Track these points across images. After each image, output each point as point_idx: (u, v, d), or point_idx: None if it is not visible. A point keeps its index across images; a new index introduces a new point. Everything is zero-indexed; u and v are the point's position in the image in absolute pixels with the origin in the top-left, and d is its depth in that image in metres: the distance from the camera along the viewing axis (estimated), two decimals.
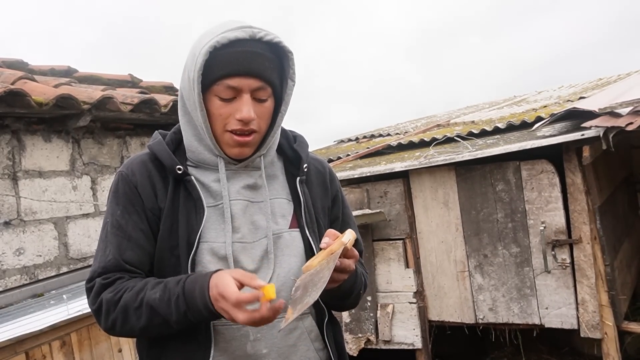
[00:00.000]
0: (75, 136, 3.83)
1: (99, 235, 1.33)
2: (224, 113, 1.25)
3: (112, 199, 1.32)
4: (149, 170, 1.32)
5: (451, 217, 4.20)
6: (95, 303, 1.24)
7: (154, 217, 1.29)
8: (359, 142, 6.72)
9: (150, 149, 1.34)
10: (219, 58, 1.22)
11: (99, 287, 1.24)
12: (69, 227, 3.72)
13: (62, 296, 2.95)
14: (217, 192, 1.31)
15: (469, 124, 5.62)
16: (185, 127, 1.35)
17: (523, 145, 3.67)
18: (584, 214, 3.68)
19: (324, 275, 1.11)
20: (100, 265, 1.26)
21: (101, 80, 4.61)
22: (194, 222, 1.27)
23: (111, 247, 1.26)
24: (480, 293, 4.11)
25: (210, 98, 1.26)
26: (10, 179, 3.44)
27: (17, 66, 4.19)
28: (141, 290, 1.20)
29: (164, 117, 4.14)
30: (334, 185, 1.52)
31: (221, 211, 1.30)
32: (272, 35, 1.25)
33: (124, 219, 1.28)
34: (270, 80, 1.27)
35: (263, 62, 1.24)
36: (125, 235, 1.27)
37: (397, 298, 4.43)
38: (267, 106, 1.29)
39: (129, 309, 1.19)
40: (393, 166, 4.29)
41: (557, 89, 7.74)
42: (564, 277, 3.78)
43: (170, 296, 1.17)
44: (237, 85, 1.23)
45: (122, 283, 1.23)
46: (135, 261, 1.27)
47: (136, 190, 1.30)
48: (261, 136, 1.32)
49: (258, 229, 1.32)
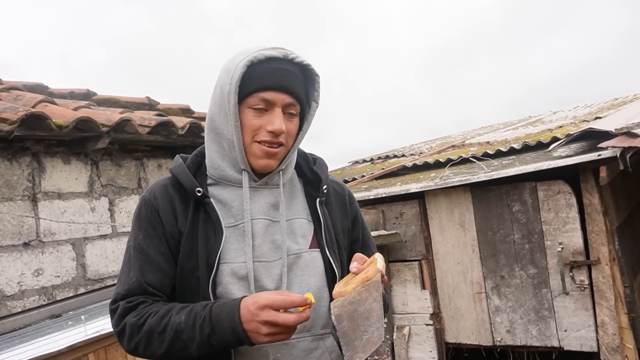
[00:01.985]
0: (93, 158, 3.88)
1: (123, 258, 1.36)
2: (256, 124, 1.30)
3: (135, 223, 1.35)
4: (170, 194, 1.35)
5: (467, 238, 4.18)
6: (118, 325, 1.26)
7: (174, 241, 1.32)
8: (373, 163, 6.73)
9: (172, 172, 1.38)
10: (256, 72, 1.28)
11: (122, 310, 1.26)
12: (86, 248, 3.76)
13: (80, 317, 2.97)
14: (238, 211, 1.33)
15: (484, 144, 5.61)
16: (209, 145, 1.39)
17: (539, 165, 3.66)
18: (602, 235, 3.65)
19: (375, 309, 1.12)
20: (124, 288, 1.29)
21: (119, 103, 4.67)
22: (213, 243, 1.29)
23: (134, 270, 1.30)
24: (498, 315, 4.07)
25: (243, 110, 1.31)
26: (30, 200, 3.49)
27: (38, 89, 4.28)
28: (165, 316, 1.21)
29: (181, 139, 4.18)
30: (354, 207, 1.54)
31: (241, 230, 1.32)
32: (302, 58, 1.33)
33: (146, 243, 1.31)
34: (300, 99, 1.33)
35: (295, 80, 1.31)
36: (147, 258, 1.30)
37: (413, 320, 4.40)
38: (295, 123, 1.35)
39: (152, 333, 1.21)
40: (409, 187, 4.29)
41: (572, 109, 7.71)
42: (583, 298, 3.74)
43: (196, 319, 1.18)
44: (271, 98, 1.28)
45: (146, 307, 1.25)
46: (157, 284, 1.29)
47: (157, 214, 1.33)
48: (287, 151, 1.36)
49: (278, 248, 1.33)
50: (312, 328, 1.32)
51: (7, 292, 3.31)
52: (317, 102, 1.38)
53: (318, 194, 1.43)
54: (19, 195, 3.43)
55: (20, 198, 3.44)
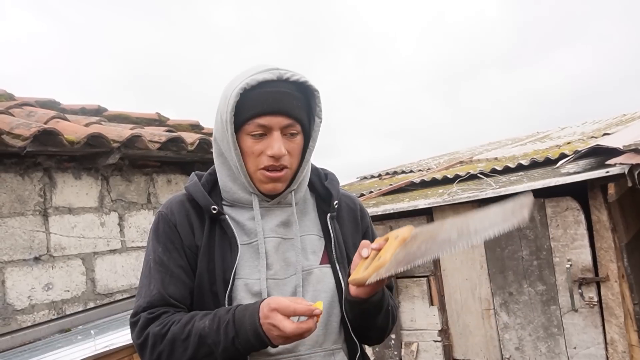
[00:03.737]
0: (104, 173, 3.92)
1: (141, 272, 1.37)
2: (256, 151, 1.31)
3: (153, 238, 1.37)
4: (187, 209, 1.37)
5: (475, 255, 4.18)
6: (140, 337, 1.26)
7: (192, 254, 1.34)
8: (381, 179, 6.74)
9: (187, 190, 1.40)
10: (249, 99, 1.28)
11: (145, 322, 1.26)
12: (96, 263, 3.78)
13: (90, 331, 2.99)
14: (252, 230, 1.35)
15: (492, 160, 5.61)
16: (219, 169, 1.41)
17: (547, 182, 3.66)
18: (610, 252, 3.64)
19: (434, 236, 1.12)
20: (146, 300, 1.29)
21: (130, 119, 4.72)
22: (229, 259, 1.31)
23: (155, 282, 1.31)
24: (506, 332, 4.06)
25: (242, 137, 1.32)
26: (41, 215, 3.52)
27: (50, 105, 4.33)
28: (188, 323, 1.22)
29: (190, 155, 4.22)
30: (365, 221, 1.55)
31: (255, 248, 1.33)
32: (298, 75, 1.32)
33: (166, 256, 1.33)
34: (299, 118, 1.32)
35: (291, 100, 1.30)
36: (168, 271, 1.31)
37: (421, 336, 4.38)
38: (297, 142, 1.35)
39: (176, 341, 1.21)
40: (416, 203, 4.30)
41: (580, 125, 7.70)
42: (592, 315, 3.72)
43: (220, 323, 1.19)
44: (267, 123, 1.29)
45: (168, 317, 1.26)
46: (178, 295, 1.30)
47: (175, 228, 1.35)
48: (293, 172, 1.37)
49: (289, 266, 1.35)
50: (323, 343, 1.33)
51: (18, 307, 3.34)
52: (320, 117, 1.39)
53: (329, 209, 1.44)
54: (30, 210, 3.47)
55: (31, 213, 3.47)
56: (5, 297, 3.30)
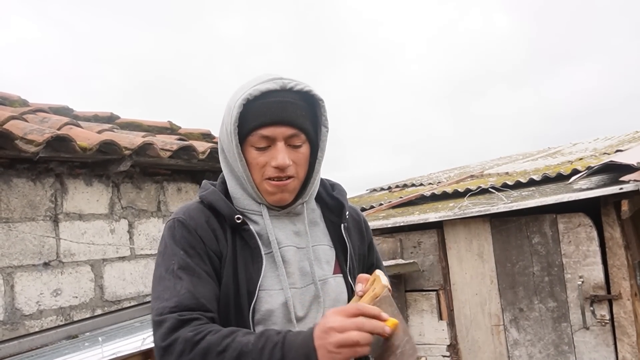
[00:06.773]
0: (115, 180, 3.93)
1: (157, 280, 1.27)
2: (261, 162, 1.29)
3: (170, 245, 1.29)
4: (207, 215, 1.32)
5: (486, 269, 4.14)
6: (167, 339, 1.14)
7: (216, 259, 1.28)
8: (391, 192, 6.72)
9: (205, 198, 1.35)
10: (252, 110, 1.27)
11: (175, 323, 1.15)
12: (105, 270, 3.78)
13: (97, 338, 2.97)
14: (267, 239, 1.33)
15: (503, 175, 5.59)
16: (228, 177, 1.39)
17: (560, 198, 3.63)
18: (623, 269, 3.60)
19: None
20: (174, 300, 1.18)
21: (142, 127, 4.74)
22: (252, 270, 1.28)
23: (182, 283, 1.21)
24: (516, 348, 4.01)
25: (247, 148, 1.30)
26: (52, 220, 3.53)
27: (63, 112, 4.35)
28: (228, 336, 1.12)
29: (201, 164, 4.22)
30: (369, 233, 1.56)
31: (274, 258, 1.31)
32: (302, 84, 1.30)
33: (189, 259, 1.25)
34: (303, 127, 1.30)
35: (294, 110, 1.28)
36: (195, 273, 1.23)
37: (430, 351, 4.34)
38: (302, 152, 1.32)
39: (210, 352, 1.10)
40: (427, 216, 4.27)
41: (592, 141, 7.67)
42: (604, 334, 3.67)
43: (266, 343, 1.09)
44: (270, 134, 1.27)
45: (203, 324, 1.16)
46: (209, 296, 1.22)
47: (196, 233, 1.28)
48: (300, 182, 1.35)
49: (305, 275, 1.34)
50: None
51: (26, 312, 3.34)
52: (327, 126, 1.36)
53: (339, 220, 1.43)
54: (41, 216, 3.48)
55: (42, 218, 3.48)
56: (13, 301, 3.30)
